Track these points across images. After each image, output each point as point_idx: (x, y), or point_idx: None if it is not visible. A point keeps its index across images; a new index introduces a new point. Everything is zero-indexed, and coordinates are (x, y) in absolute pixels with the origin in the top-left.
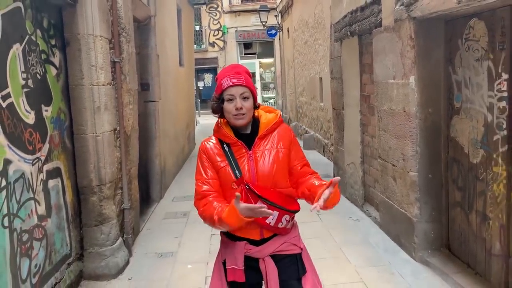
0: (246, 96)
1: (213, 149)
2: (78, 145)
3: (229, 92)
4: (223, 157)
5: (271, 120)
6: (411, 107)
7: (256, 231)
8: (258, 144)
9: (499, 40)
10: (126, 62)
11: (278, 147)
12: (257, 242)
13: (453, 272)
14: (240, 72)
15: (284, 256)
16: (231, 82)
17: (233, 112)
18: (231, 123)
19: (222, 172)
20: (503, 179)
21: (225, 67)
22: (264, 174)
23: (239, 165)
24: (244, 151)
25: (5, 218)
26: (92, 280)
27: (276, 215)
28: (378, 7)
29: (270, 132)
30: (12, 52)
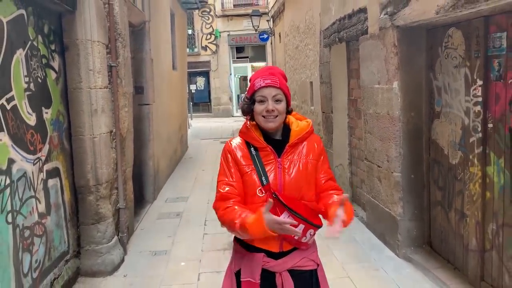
0: (278, 98)
1: (239, 151)
2: (76, 146)
3: (261, 93)
4: (249, 161)
5: (303, 128)
6: (395, 111)
7: (276, 243)
8: (288, 152)
9: (474, 49)
10: (122, 66)
11: (308, 158)
12: (275, 255)
13: (433, 268)
14: (275, 73)
15: (300, 272)
16: (264, 83)
17: (263, 113)
18: (261, 126)
19: (247, 177)
20: (479, 178)
21: (260, 69)
22: (292, 185)
23: (266, 171)
24: (273, 158)
25: (9, 215)
26: (89, 276)
27: (301, 228)
28: (364, 15)
29: (301, 141)
30: (16, 57)
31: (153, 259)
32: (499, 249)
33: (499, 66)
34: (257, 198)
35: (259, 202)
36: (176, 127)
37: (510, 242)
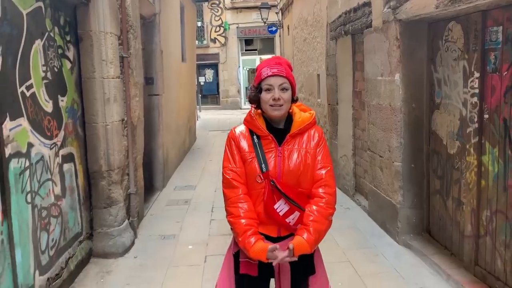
0: (285, 87)
1: (242, 139)
2: (89, 133)
3: (268, 82)
4: (251, 148)
5: (305, 120)
6: (396, 102)
7: (274, 228)
8: (289, 141)
9: (472, 42)
10: (133, 57)
11: (307, 147)
12: (273, 239)
13: (431, 254)
14: (281, 63)
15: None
16: (271, 72)
17: (270, 102)
18: (267, 114)
19: (248, 164)
20: (474, 167)
21: (266, 59)
22: (290, 173)
23: (267, 159)
24: (274, 146)
25: (28, 195)
26: (101, 257)
27: (297, 215)
28: (368, 9)
29: (302, 132)
30: (34, 47)
31: (162, 242)
32: (492, 234)
33: (495, 59)
34: (257, 184)
35: (258, 188)
36: (185, 118)
37: (502, 228)
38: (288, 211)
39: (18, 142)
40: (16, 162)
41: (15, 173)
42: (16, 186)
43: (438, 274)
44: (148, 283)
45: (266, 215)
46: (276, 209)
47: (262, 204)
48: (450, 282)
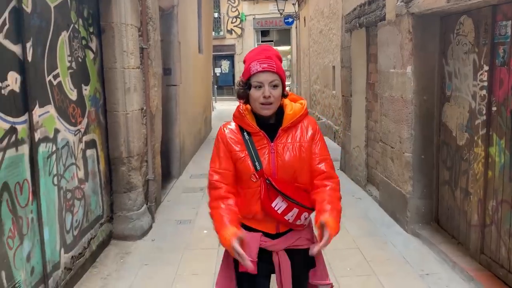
0: (275, 84)
1: (232, 137)
2: (111, 121)
3: (258, 79)
4: (243, 147)
5: (297, 112)
6: (408, 94)
7: (272, 225)
8: (281, 136)
9: (482, 36)
10: (152, 49)
11: (301, 141)
12: (272, 236)
13: (439, 242)
14: (271, 56)
15: (297, 251)
16: (261, 68)
17: (260, 100)
18: (256, 111)
19: (240, 163)
20: (482, 158)
21: (255, 49)
22: (285, 169)
23: (260, 156)
24: (266, 143)
25: (55, 178)
26: (120, 240)
27: (295, 212)
28: (382, 2)
29: (294, 124)
30: (61, 38)
31: (178, 227)
32: (497, 224)
33: (504, 53)
34: (252, 183)
35: (254, 187)
36: (201, 108)
37: (507, 218)
38: (286, 209)
39: (46, 127)
40: (44, 147)
41: (43, 156)
42: (44, 168)
43: (444, 262)
44: (165, 264)
45: (264, 214)
46: (274, 207)
47: (258, 203)
48: (455, 270)
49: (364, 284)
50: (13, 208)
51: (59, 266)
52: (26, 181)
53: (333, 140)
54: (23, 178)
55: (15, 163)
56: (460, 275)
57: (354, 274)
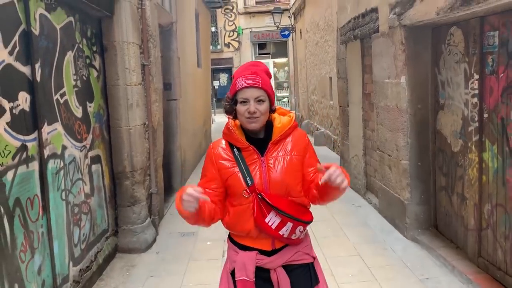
0: (261, 99)
1: (221, 155)
2: (114, 136)
3: (243, 95)
4: (234, 163)
5: (286, 124)
6: (403, 103)
7: (268, 242)
8: (271, 150)
9: (472, 46)
10: (153, 65)
11: (292, 153)
12: (268, 252)
13: (437, 247)
14: (257, 71)
15: (297, 266)
16: (246, 84)
17: (245, 115)
18: (244, 126)
19: (232, 179)
20: (476, 164)
21: (243, 65)
22: (277, 182)
23: (251, 172)
24: (256, 157)
25: (63, 192)
26: (126, 253)
27: (290, 226)
28: (376, 15)
29: (284, 137)
30: (67, 58)
31: (182, 239)
32: (493, 227)
33: (492, 62)
34: (244, 200)
35: (246, 203)
36: (201, 122)
37: (502, 221)
38: (280, 223)
39: (54, 144)
40: (53, 163)
41: (52, 172)
42: (53, 184)
43: (443, 266)
44: (170, 275)
45: (258, 230)
46: (267, 222)
47: (251, 219)
48: (454, 273)
49: None
50: (25, 222)
51: (68, 279)
52: (37, 196)
53: (332, 150)
54: (34, 193)
55: (26, 179)
56: (459, 278)
57: (356, 280)
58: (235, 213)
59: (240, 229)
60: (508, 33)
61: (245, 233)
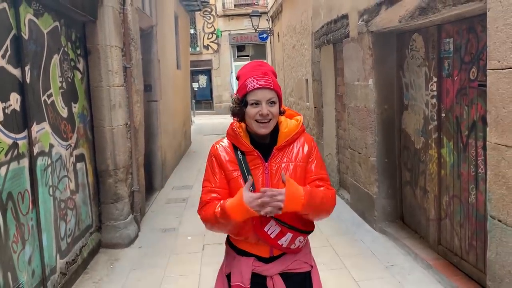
0: (273, 101)
1: (225, 155)
2: (98, 136)
3: (255, 97)
4: (236, 166)
5: (292, 129)
6: (371, 104)
7: (266, 248)
8: (276, 155)
9: (431, 51)
10: (134, 67)
11: (296, 160)
12: (265, 259)
13: (403, 238)
14: (267, 72)
15: (294, 274)
16: (258, 85)
17: (256, 117)
18: (252, 130)
19: (233, 183)
20: (435, 159)
21: (250, 64)
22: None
23: (253, 177)
24: (260, 163)
25: (51, 188)
26: (109, 248)
27: (289, 237)
28: (346, 21)
29: (289, 143)
30: (53, 61)
31: (163, 234)
32: (451, 217)
33: (448, 66)
34: None
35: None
36: (180, 123)
37: (458, 210)
38: (279, 233)
39: (42, 143)
40: (41, 160)
41: (41, 169)
42: (41, 180)
43: (408, 254)
44: (153, 267)
45: (256, 237)
46: (266, 231)
47: (251, 225)
48: (417, 260)
49: (336, 276)
50: (16, 215)
51: (55, 271)
52: (27, 191)
53: None
54: (24, 188)
55: (18, 175)
56: (420, 264)
57: (327, 268)
58: None
59: (238, 234)
60: (461, 40)
61: (243, 238)
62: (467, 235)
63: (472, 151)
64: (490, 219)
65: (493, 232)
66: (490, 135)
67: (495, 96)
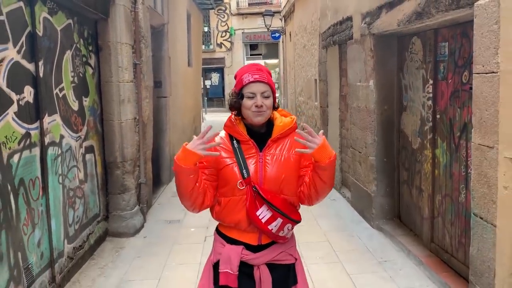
0: (267, 95)
1: (221, 145)
2: (107, 129)
3: (250, 89)
4: (231, 154)
5: (287, 124)
6: (371, 104)
7: (254, 236)
8: (270, 146)
9: (428, 55)
10: (144, 64)
11: (290, 153)
12: (253, 248)
13: (398, 235)
14: (262, 69)
15: (279, 266)
16: (253, 78)
17: (252, 109)
18: (249, 120)
19: (227, 170)
20: (430, 159)
21: (245, 65)
22: (272, 179)
23: (247, 164)
24: (254, 151)
25: (60, 177)
26: (115, 236)
27: (279, 222)
28: (350, 23)
29: (283, 136)
30: (66, 57)
31: (168, 225)
32: (443, 215)
33: (443, 69)
34: (238, 191)
35: (239, 194)
36: (190, 119)
37: (449, 209)
38: (270, 218)
39: (53, 133)
40: (52, 150)
41: (51, 158)
42: (51, 168)
43: (401, 251)
44: (155, 256)
45: (248, 222)
46: (258, 215)
47: (243, 210)
48: (409, 257)
49: (330, 269)
50: (27, 200)
51: (63, 254)
52: (38, 178)
53: None
54: (35, 175)
55: (29, 163)
56: (413, 260)
57: (322, 262)
58: (227, 204)
59: (230, 220)
60: (455, 44)
61: (234, 224)
62: (457, 233)
63: (463, 152)
64: (473, 216)
65: (475, 229)
66: (474, 136)
67: (479, 99)
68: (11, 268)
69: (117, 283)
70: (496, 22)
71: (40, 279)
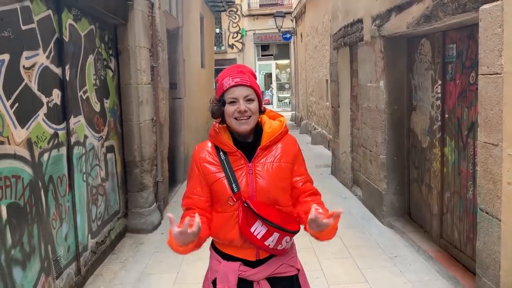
0: (250, 98)
1: (207, 159)
2: (126, 129)
3: (231, 95)
4: (219, 168)
5: (276, 129)
6: (381, 104)
7: (252, 252)
8: (260, 156)
9: (436, 56)
10: (161, 66)
11: (281, 161)
12: (252, 263)
13: (408, 231)
14: (244, 71)
15: (281, 279)
16: (233, 82)
17: (235, 115)
18: (233, 129)
19: (217, 185)
20: (439, 157)
21: (228, 67)
22: (264, 190)
23: (237, 178)
24: (243, 163)
25: (84, 175)
26: (134, 233)
27: (276, 237)
28: (361, 25)
29: (273, 143)
30: (88, 61)
31: None
32: (452, 211)
33: (451, 70)
34: (228, 207)
35: (230, 210)
36: (203, 120)
37: (458, 206)
38: (266, 233)
39: (78, 133)
40: (77, 149)
41: (76, 157)
42: (77, 167)
43: (411, 247)
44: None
45: (242, 240)
46: (253, 232)
47: (236, 227)
48: (419, 252)
49: (342, 264)
50: (56, 196)
51: (87, 249)
52: (65, 176)
53: (327, 148)
54: (62, 173)
55: (57, 161)
56: (422, 256)
57: (334, 257)
58: (219, 220)
59: (223, 237)
60: (463, 46)
61: (228, 242)
62: (465, 228)
63: (471, 150)
64: (479, 211)
65: (481, 223)
66: (480, 135)
67: (484, 99)
68: (42, 259)
69: (137, 276)
70: (500, 26)
71: (67, 271)
